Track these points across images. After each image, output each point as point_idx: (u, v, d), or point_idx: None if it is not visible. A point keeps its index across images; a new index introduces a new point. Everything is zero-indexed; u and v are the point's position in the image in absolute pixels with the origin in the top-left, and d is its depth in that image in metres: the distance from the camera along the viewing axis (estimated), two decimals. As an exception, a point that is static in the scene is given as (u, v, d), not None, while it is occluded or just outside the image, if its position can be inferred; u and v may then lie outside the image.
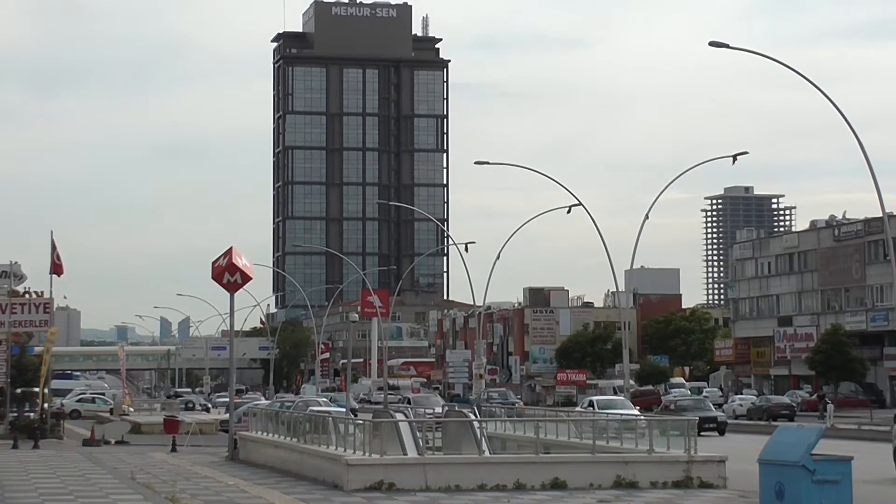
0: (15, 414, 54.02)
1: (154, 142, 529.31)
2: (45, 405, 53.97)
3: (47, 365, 54.21)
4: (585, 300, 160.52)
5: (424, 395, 63.64)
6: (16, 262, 58.55)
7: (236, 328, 49.91)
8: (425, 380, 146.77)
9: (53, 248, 53.98)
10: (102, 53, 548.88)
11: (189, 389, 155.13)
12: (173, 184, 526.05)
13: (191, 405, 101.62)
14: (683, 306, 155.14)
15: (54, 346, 57.98)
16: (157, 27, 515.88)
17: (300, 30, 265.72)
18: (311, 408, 42.14)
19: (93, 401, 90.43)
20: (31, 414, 54.10)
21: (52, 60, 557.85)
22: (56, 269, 54.21)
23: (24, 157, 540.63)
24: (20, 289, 57.12)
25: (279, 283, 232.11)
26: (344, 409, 47.83)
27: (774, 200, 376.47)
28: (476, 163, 70.18)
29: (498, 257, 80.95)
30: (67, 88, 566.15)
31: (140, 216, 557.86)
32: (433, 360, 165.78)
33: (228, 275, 39.95)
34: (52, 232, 54.24)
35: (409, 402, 57.93)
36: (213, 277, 40.55)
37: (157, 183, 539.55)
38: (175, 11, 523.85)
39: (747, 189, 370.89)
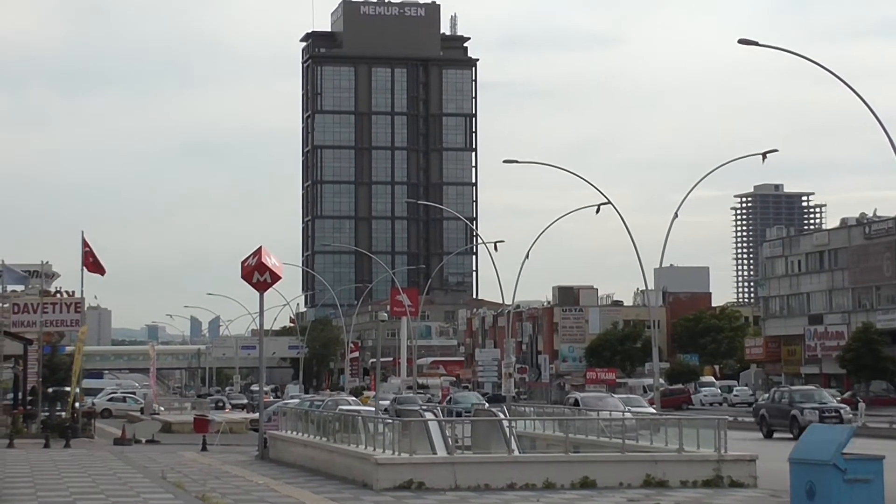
0: (47, 413, 54.25)
1: (183, 141, 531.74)
2: (77, 404, 54.17)
3: (79, 364, 54.44)
4: (615, 298, 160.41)
5: (598, 395, 59.42)
6: (47, 262, 58.84)
7: (266, 327, 50.05)
8: (455, 378, 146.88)
9: (86, 246, 54.13)
10: (130, 54, 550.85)
11: (218, 388, 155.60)
12: (202, 183, 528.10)
13: (221, 404, 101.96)
14: (713, 304, 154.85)
15: (85, 346, 58.21)
16: (186, 27, 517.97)
17: (329, 29, 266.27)
18: (340, 407, 42.20)
19: (123, 400, 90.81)
20: (63, 413, 54.32)
21: (80, 61, 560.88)
22: (95, 268, 54.21)
23: (53, 159, 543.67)
24: (52, 288, 57.44)
25: (308, 283, 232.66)
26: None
27: (804, 198, 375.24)
28: (505, 161, 70.03)
29: (527, 256, 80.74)
30: (95, 89, 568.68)
31: (170, 216, 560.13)
32: (462, 358, 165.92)
33: (258, 274, 40.01)
34: (82, 232, 54.47)
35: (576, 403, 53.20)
36: (242, 277, 40.62)
37: (186, 182, 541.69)
38: (203, 11, 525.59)
39: (777, 187, 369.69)
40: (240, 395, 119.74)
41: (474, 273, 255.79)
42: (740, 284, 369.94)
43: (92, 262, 53.83)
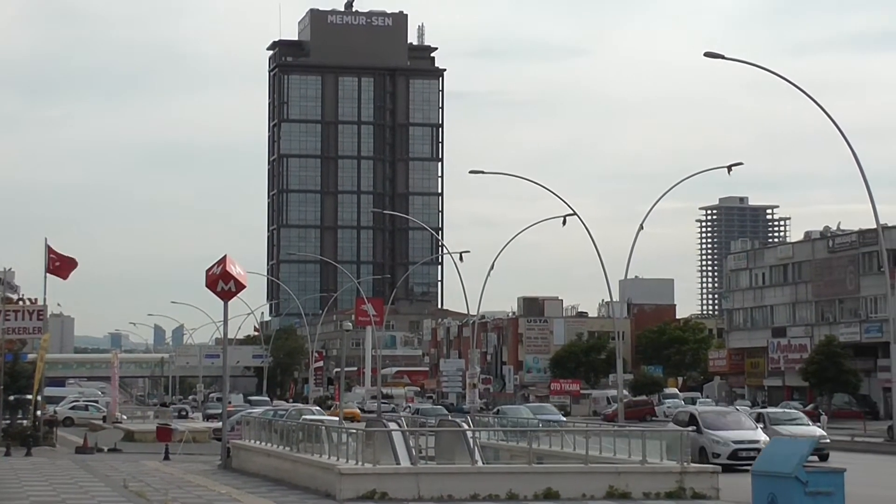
0: (8, 421, 53.86)
1: (148, 149, 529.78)
2: (38, 412, 53.82)
3: (41, 372, 54.08)
4: (580, 310, 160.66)
5: None
6: (10, 269, 58.48)
7: (230, 336, 49.84)
8: (419, 388, 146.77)
9: (50, 253, 53.71)
10: (96, 61, 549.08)
11: (181, 397, 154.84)
12: (167, 191, 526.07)
13: (184, 413, 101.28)
14: (678, 316, 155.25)
15: (47, 354, 57.83)
16: (153, 34, 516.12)
17: (296, 38, 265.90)
18: (304, 416, 42.06)
19: (86, 408, 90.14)
20: (24, 421, 53.94)
21: (48, 66, 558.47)
22: (59, 271, 53.61)
23: (19, 163, 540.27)
24: (13, 296, 57.05)
25: (273, 292, 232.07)
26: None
27: (769, 211, 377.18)
28: (471, 172, 70.08)
29: (492, 267, 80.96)
30: (62, 94, 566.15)
31: (134, 223, 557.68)
32: (427, 368, 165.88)
33: (222, 283, 39.92)
34: (45, 238, 54.08)
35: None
36: (207, 285, 40.51)
37: (151, 190, 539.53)
38: (171, 18, 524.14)
39: (742, 199, 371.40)
40: (216, 404, 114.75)
41: (440, 283, 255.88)
42: (705, 296, 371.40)
43: (59, 266, 53.29)
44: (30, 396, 56.42)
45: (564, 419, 47.45)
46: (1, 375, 55.16)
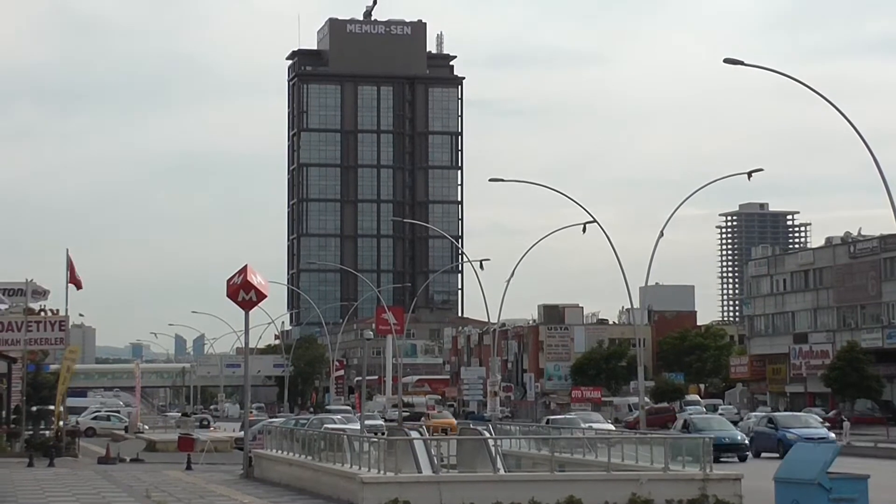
0: (30, 432, 54.04)
1: (169, 160, 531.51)
2: (61, 423, 53.97)
3: (66, 383, 54.22)
4: (600, 317, 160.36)
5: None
6: (31, 280, 58.62)
7: (251, 345, 49.96)
8: (440, 397, 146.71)
9: (70, 265, 54.00)
10: (116, 73, 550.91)
11: (202, 406, 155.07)
12: (188, 201, 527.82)
13: (205, 423, 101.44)
14: (698, 323, 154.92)
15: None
16: (173, 45, 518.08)
17: (315, 47, 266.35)
18: (325, 425, 42.10)
19: (108, 418, 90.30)
20: (47, 432, 54.11)
21: (67, 79, 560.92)
22: (75, 281, 54.02)
23: (39, 176, 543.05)
24: (36, 306, 57.22)
25: (294, 301, 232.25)
26: None
27: (790, 217, 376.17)
28: (491, 180, 70.31)
29: (512, 274, 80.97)
30: (81, 108, 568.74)
31: (155, 234, 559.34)
32: (448, 377, 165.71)
33: (243, 292, 39.92)
34: (67, 250, 54.34)
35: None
36: (227, 295, 40.53)
37: (171, 201, 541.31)
38: (190, 30, 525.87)
39: (762, 205, 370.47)
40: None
41: (460, 291, 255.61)
42: (725, 303, 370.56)
43: (73, 277, 53.67)
44: (52, 407, 56.61)
45: (613, 428, 47.01)
46: (24, 386, 55.42)
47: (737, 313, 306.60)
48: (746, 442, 54.47)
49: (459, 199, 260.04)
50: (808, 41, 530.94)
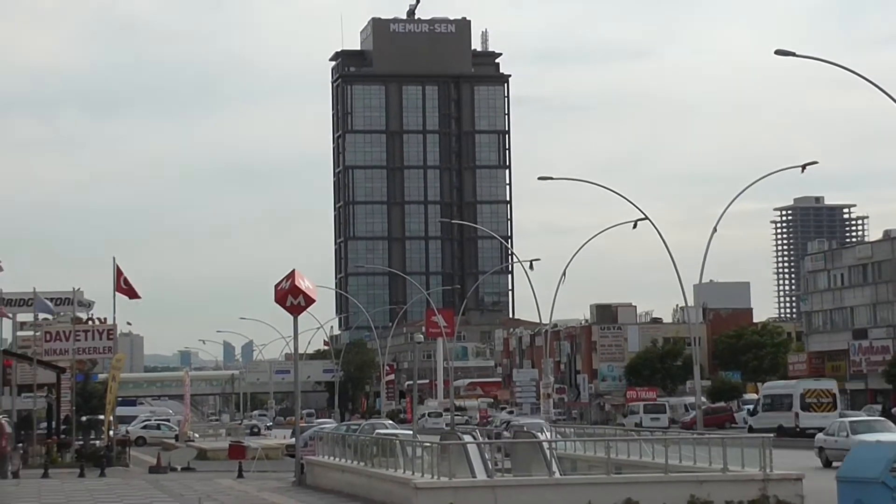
0: (81, 442, 53.95)
1: (213, 164, 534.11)
2: (111, 432, 53.81)
3: (114, 392, 54.08)
4: (654, 316, 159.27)
5: None
6: (79, 289, 58.55)
7: (300, 351, 49.54)
8: (492, 400, 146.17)
9: (119, 274, 53.77)
10: (160, 77, 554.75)
11: (253, 413, 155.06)
12: (233, 206, 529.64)
13: (256, 430, 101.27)
14: (755, 320, 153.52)
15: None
16: (215, 48, 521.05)
17: (358, 48, 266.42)
18: (377, 431, 41.71)
19: (158, 427, 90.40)
20: (97, 442, 53.97)
21: (111, 84, 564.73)
22: (130, 293, 53.76)
23: (85, 183, 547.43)
24: (83, 315, 57.16)
25: (342, 305, 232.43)
26: None
27: (846, 210, 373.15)
28: (539, 178, 69.63)
29: (564, 274, 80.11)
30: (125, 113, 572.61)
31: (200, 240, 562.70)
32: (500, 379, 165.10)
33: (291, 297, 39.58)
34: (114, 258, 54.13)
35: None
36: (276, 300, 40.23)
37: (216, 206, 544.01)
38: (232, 32, 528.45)
39: (818, 199, 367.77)
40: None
41: (510, 292, 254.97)
42: (782, 299, 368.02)
43: (126, 289, 53.41)
44: (102, 417, 56.53)
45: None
46: (73, 396, 55.32)
47: (794, 310, 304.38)
48: None
49: (508, 198, 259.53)
50: (859, 30, 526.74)
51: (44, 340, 55.02)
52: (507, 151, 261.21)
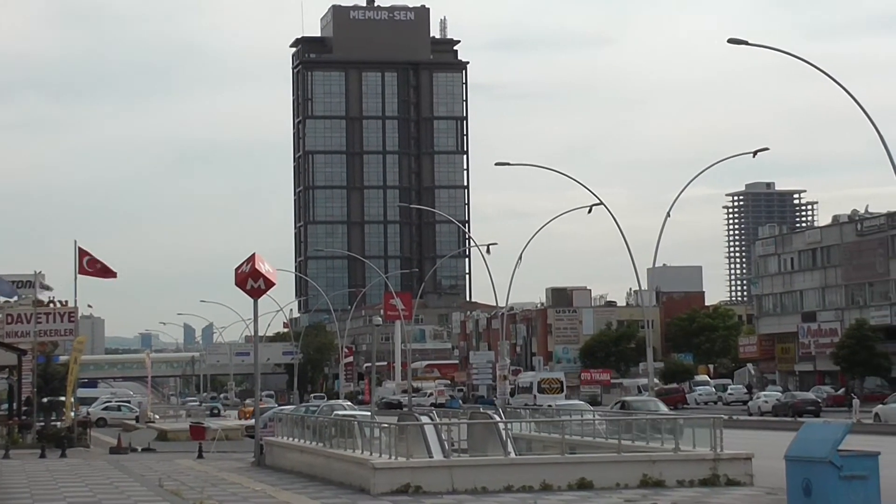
0: (42, 423, 54.18)
1: (174, 148, 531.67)
2: (73, 414, 54.07)
3: (75, 374, 54.33)
4: (608, 299, 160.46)
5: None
6: (40, 272, 58.68)
7: (260, 333, 50.01)
8: (449, 382, 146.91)
9: (82, 255, 53.65)
10: (119, 61, 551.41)
11: (214, 395, 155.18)
12: (194, 190, 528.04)
13: (216, 411, 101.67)
14: (707, 303, 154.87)
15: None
16: (176, 33, 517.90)
17: (318, 34, 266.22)
18: (335, 412, 42.16)
19: (118, 409, 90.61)
20: (58, 423, 54.24)
21: (69, 69, 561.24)
22: (102, 272, 53.04)
23: (44, 166, 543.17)
24: (44, 298, 57.27)
25: (302, 288, 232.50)
26: None
27: (796, 196, 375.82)
28: (497, 164, 70.21)
29: (520, 258, 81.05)
30: (85, 95, 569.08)
31: (162, 223, 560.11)
32: (457, 361, 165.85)
33: (252, 280, 39.96)
34: (75, 241, 54.23)
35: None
36: (236, 283, 40.59)
37: (177, 189, 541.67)
38: (193, 17, 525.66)
39: (769, 185, 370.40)
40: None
41: (467, 276, 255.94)
42: (733, 283, 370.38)
43: (99, 268, 53.18)
44: (63, 398, 56.75)
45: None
46: (34, 378, 55.50)
47: (745, 293, 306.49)
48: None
49: (466, 183, 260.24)
50: (810, 19, 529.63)
51: (5, 323, 55.14)
52: (465, 137, 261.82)
